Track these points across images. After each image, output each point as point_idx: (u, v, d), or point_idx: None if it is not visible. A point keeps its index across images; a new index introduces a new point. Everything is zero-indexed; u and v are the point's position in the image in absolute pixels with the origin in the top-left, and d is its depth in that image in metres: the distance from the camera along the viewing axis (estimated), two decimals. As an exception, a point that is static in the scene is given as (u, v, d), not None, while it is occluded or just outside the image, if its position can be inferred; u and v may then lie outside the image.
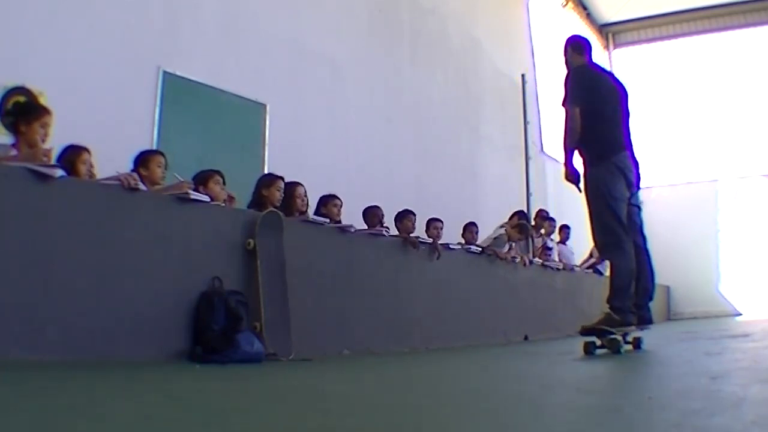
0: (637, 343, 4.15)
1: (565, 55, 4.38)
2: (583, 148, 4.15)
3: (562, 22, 14.01)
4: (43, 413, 1.66)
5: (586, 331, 3.97)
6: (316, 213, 5.06)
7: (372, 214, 5.73)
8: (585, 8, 14.93)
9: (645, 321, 4.13)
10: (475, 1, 10.81)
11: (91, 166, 3.80)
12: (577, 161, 4.22)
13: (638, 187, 4.29)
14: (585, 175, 4.17)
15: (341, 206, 5.21)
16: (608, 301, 3.99)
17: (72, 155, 3.64)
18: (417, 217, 6.19)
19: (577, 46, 4.38)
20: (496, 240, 7.15)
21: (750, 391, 1.99)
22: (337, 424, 1.61)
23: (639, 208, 4.31)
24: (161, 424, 1.58)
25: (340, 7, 7.62)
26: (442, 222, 6.37)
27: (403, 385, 2.72)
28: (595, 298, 7.82)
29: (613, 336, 3.84)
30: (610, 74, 4.44)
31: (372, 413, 1.81)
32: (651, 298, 4.20)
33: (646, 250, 4.23)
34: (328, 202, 5.16)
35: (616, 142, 4.16)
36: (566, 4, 14.11)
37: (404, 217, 6.08)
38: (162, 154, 4.14)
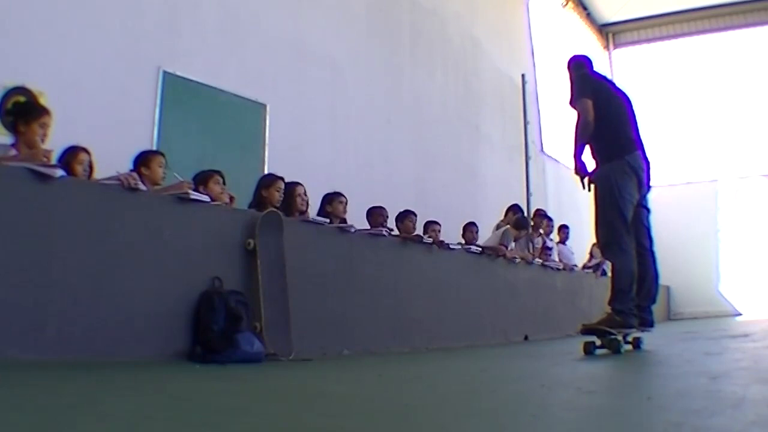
0: (636, 343, 4.15)
1: (570, 77, 4.38)
2: (595, 146, 4.12)
3: (562, 22, 14.02)
4: (43, 413, 1.66)
5: (586, 331, 3.97)
6: (321, 211, 5.06)
7: (377, 215, 5.74)
8: (585, 8, 14.93)
9: (647, 323, 4.11)
10: (475, 1, 10.81)
11: (90, 165, 3.80)
12: (588, 160, 4.20)
13: (648, 188, 4.27)
14: (596, 173, 4.12)
15: (346, 203, 5.23)
16: (609, 302, 3.98)
17: (69, 156, 3.65)
18: (417, 217, 6.20)
19: (578, 66, 4.39)
20: (505, 234, 7.18)
21: (750, 391, 1.99)
22: (337, 424, 1.61)
23: (648, 210, 4.29)
24: (161, 424, 1.58)
25: (340, 7, 7.62)
26: (439, 224, 6.37)
27: (403, 385, 2.72)
28: (595, 298, 7.83)
29: (613, 336, 3.83)
30: (612, 82, 4.45)
31: (372, 413, 1.81)
32: (654, 301, 4.18)
33: (652, 253, 4.21)
34: (333, 199, 5.18)
35: (630, 140, 4.14)
36: (566, 4, 14.11)
37: (405, 217, 6.10)
38: (162, 154, 4.15)
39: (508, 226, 7.53)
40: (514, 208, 7.97)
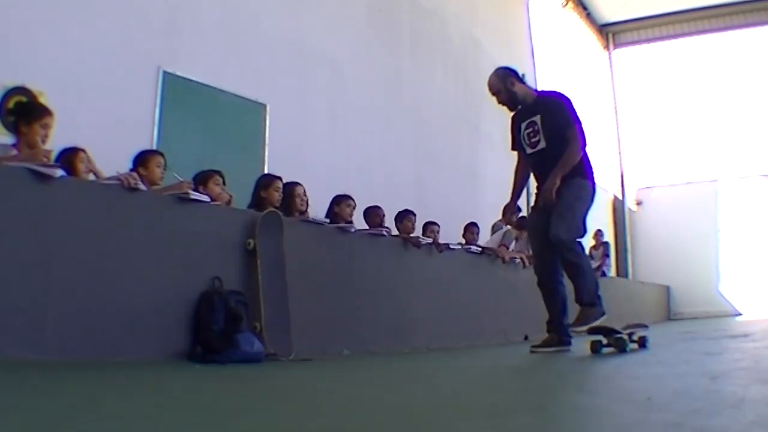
0: (642, 342, 4.22)
1: (503, 84, 4.29)
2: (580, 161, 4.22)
3: (562, 22, 14.02)
4: (43, 413, 1.66)
5: (592, 330, 4.05)
6: (329, 212, 5.08)
7: (373, 214, 5.74)
8: (585, 8, 14.94)
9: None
10: (475, 1, 10.82)
11: (90, 161, 3.80)
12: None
13: None
14: (575, 181, 4.17)
15: (354, 207, 5.25)
16: (581, 299, 4.12)
17: (70, 155, 3.65)
18: (417, 217, 6.19)
19: (506, 77, 4.31)
20: (506, 235, 7.18)
21: (750, 391, 1.99)
22: (337, 424, 1.61)
23: None
24: (161, 424, 1.58)
25: (340, 7, 7.62)
26: (438, 225, 6.36)
27: (403, 385, 2.72)
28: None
29: (619, 335, 3.92)
30: None
31: (372, 413, 1.81)
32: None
33: None
34: (341, 201, 5.20)
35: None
36: (566, 4, 14.12)
37: (404, 217, 6.08)
38: (161, 154, 4.15)
39: (509, 227, 7.51)
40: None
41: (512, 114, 4.45)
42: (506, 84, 4.30)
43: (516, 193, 4.61)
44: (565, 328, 4.31)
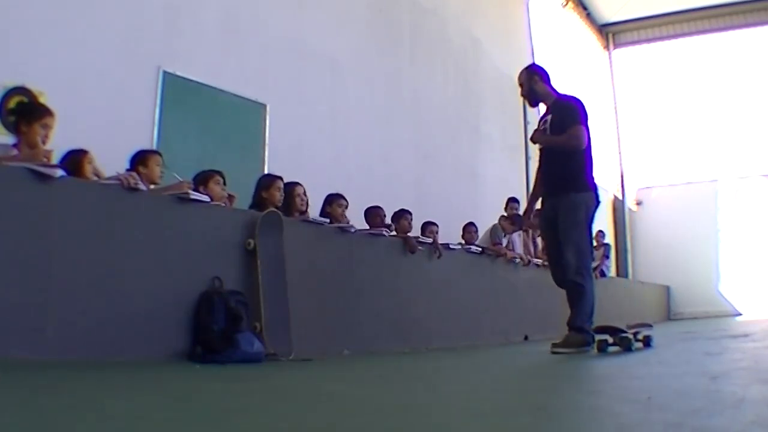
0: (646, 341, 4.27)
1: (528, 81, 4.48)
2: (571, 173, 4.23)
3: (562, 22, 14.02)
4: (43, 413, 1.66)
5: (598, 330, 4.12)
6: (322, 211, 5.07)
7: (374, 215, 5.72)
8: (585, 8, 14.93)
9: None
10: (475, 1, 10.81)
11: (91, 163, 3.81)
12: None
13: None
14: (569, 199, 4.22)
15: (347, 206, 5.24)
16: (572, 322, 4.15)
17: (77, 156, 3.66)
18: (417, 217, 6.18)
19: (533, 75, 4.50)
20: (494, 230, 7.17)
21: (750, 391, 1.99)
22: (338, 424, 1.61)
23: None
24: (161, 424, 1.58)
25: (340, 7, 7.62)
26: (437, 225, 6.35)
27: (403, 385, 2.72)
28: (594, 299, 7.80)
29: (624, 334, 3.98)
30: None
31: (372, 413, 1.81)
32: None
33: None
34: (333, 201, 5.19)
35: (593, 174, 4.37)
36: (566, 4, 14.11)
37: (401, 216, 6.04)
38: (160, 153, 4.15)
39: (498, 222, 7.50)
40: (511, 200, 8.00)
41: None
42: (530, 82, 4.49)
43: (533, 195, 4.72)
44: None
